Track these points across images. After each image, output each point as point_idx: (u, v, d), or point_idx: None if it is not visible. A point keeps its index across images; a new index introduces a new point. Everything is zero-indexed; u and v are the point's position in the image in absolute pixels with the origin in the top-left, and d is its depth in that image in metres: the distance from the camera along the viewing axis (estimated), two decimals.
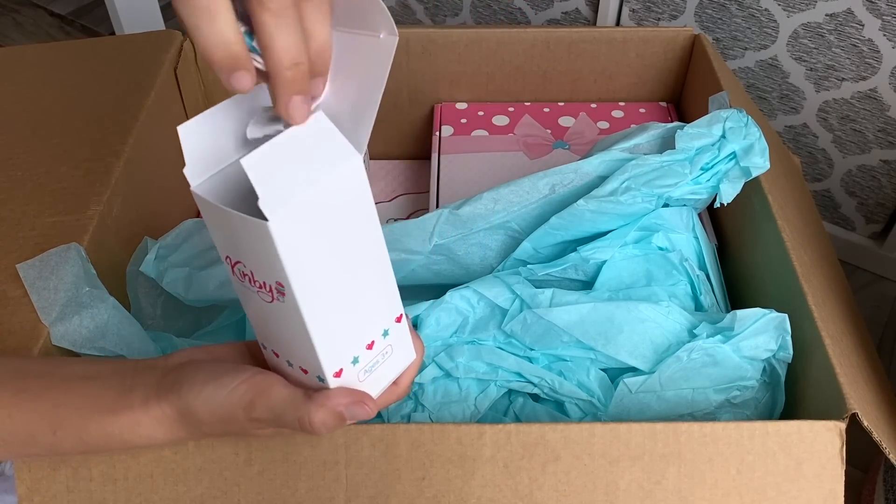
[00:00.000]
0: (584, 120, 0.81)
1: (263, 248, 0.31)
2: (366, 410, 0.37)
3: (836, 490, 0.43)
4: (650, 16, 1.11)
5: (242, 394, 0.37)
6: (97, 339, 0.49)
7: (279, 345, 0.38)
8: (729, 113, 0.57)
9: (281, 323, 0.35)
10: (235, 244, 0.34)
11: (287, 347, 0.37)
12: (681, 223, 0.58)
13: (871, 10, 0.93)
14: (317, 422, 0.36)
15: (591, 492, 0.43)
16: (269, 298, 0.34)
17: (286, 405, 0.37)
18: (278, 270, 0.32)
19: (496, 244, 0.59)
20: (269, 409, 0.37)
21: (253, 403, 0.36)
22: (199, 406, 0.37)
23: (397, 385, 0.41)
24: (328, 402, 0.37)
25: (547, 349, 0.52)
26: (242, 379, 0.37)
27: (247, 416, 0.37)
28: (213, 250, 0.60)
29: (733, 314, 0.51)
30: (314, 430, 0.36)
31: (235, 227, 0.32)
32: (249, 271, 0.34)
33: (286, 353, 0.38)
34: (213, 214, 0.33)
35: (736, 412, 0.52)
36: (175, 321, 0.60)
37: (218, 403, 0.37)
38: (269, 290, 0.34)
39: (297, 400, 0.37)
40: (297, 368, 0.38)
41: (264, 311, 0.35)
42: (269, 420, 0.37)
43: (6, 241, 0.52)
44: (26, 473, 0.43)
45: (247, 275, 0.34)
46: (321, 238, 0.33)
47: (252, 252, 0.33)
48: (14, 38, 1.58)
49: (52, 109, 0.64)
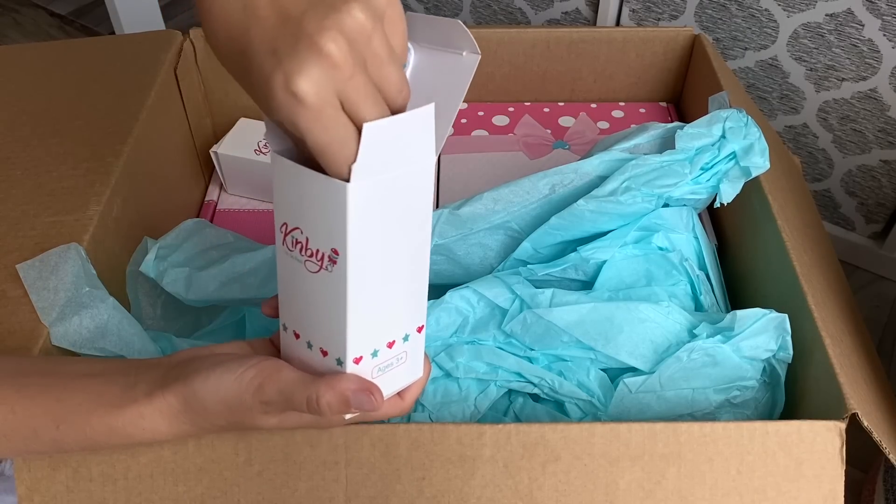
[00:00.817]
0: (584, 120, 0.81)
1: (333, 210, 0.33)
2: (371, 401, 0.37)
3: (836, 490, 0.43)
4: (650, 16, 1.11)
5: (251, 377, 0.37)
6: (97, 339, 0.49)
7: (305, 322, 0.38)
8: (729, 113, 0.57)
9: (318, 296, 0.36)
10: (299, 208, 0.35)
11: (313, 325, 0.38)
12: (681, 223, 0.58)
13: (871, 10, 0.93)
14: (323, 403, 0.37)
15: (591, 492, 0.43)
16: (317, 268, 0.35)
17: (296, 385, 0.37)
18: (338, 235, 0.34)
19: (496, 244, 0.59)
20: (278, 391, 0.37)
21: (262, 386, 0.37)
22: (207, 392, 0.37)
23: (402, 398, 0.41)
24: (338, 385, 0.37)
25: (547, 349, 0.52)
26: (250, 364, 0.38)
27: (255, 400, 0.37)
28: (213, 250, 0.60)
29: (733, 314, 0.51)
30: (321, 410, 0.37)
31: (307, 189, 0.34)
32: (305, 238, 0.35)
33: (310, 333, 0.38)
34: (288, 176, 0.34)
35: (736, 412, 0.52)
36: (175, 321, 0.60)
37: (226, 388, 0.37)
38: (321, 259, 0.35)
39: (306, 380, 0.37)
40: (316, 350, 0.38)
41: (305, 283, 0.36)
42: (278, 402, 0.37)
43: (6, 241, 0.52)
44: (26, 473, 0.43)
45: (300, 242, 0.36)
46: (384, 220, 0.34)
47: (316, 216, 0.34)
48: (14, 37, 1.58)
49: (52, 109, 0.64)
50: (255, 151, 0.73)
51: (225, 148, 0.73)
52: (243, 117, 0.77)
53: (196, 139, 0.77)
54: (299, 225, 0.35)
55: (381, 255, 0.35)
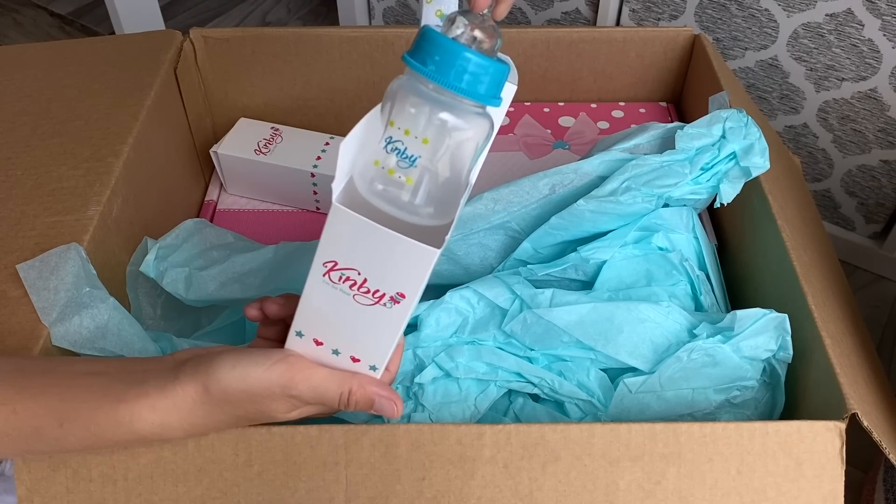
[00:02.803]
0: (584, 120, 0.81)
1: (409, 266, 0.36)
2: (393, 410, 0.42)
3: (836, 490, 0.43)
4: (650, 16, 1.11)
5: (282, 371, 0.39)
6: (97, 339, 0.49)
7: (336, 335, 0.40)
8: (729, 113, 0.57)
9: (365, 321, 0.39)
10: (363, 255, 0.37)
11: (348, 339, 0.40)
12: (681, 223, 0.58)
13: (871, 10, 0.93)
14: (353, 400, 0.40)
15: (591, 492, 0.43)
16: (372, 302, 0.38)
17: (330, 382, 0.40)
18: (411, 284, 0.37)
19: (496, 244, 0.59)
20: (311, 387, 0.39)
21: (293, 381, 0.39)
22: (232, 380, 0.38)
23: (388, 371, 0.44)
24: (368, 387, 0.41)
25: (547, 349, 0.52)
26: (278, 358, 0.39)
27: (284, 393, 0.39)
28: (213, 250, 0.60)
29: (733, 314, 0.51)
30: (348, 405, 0.41)
31: (381, 245, 0.36)
32: (362, 278, 0.37)
33: (340, 343, 0.40)
34: (354, 229, 0.36)
35: (736, 412, 0.52)
36: (175, 321, 0.60)
37: (254, 378, 0.38)
38: (379, 297, 0.38)
39: (338, 377, 0.40)
40: (345, 357, 0.41)
41: (349, 310, 0.39)
42: (309, 397, 0.40)
43: (6, 241, 0.52)
44: (26, 474, 0.43)
45: (352, 280, 0.38)
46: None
47: (385, 265, 0.37)
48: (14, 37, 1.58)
49: (52, 109, 0.64)
50: (255, 151, 0.73)
51: (225, 148, 0.73)
52: (243, 117, 0.77)
53: (196, 139, 0.77)
54: (356, 267, 0.37)
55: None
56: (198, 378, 0.38)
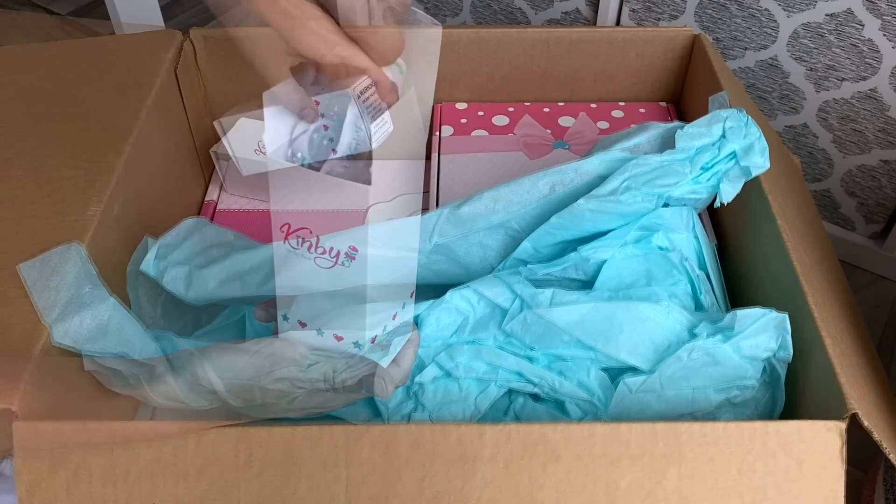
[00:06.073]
0: (584, 120, 0.81)
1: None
2: (383, 389, 0.44)
3: (837, 490, 0.43)
4: (650, 16, 1.11)
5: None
6: (98, 338, 0.49)
7: (310, 312, 0.42)
8: (729, 113, 0.57)
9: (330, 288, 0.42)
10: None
11: (323, 315, 0.42)
12: (681, 223, 0.58)
13: (871, 10, 0.93)
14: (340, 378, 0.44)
15: (591, 492, 0.43)
16: (331, 264, 0.41)
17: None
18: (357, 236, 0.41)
19: (496, 244, 0.59)
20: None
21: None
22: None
23: (398, 365, 0.46)
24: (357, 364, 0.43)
25: (547, 349, 0.52)
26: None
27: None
28: (213, 248, 0.60)
29: (733, 314, 0.51)
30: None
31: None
32: (315, 239, 0.41)
33: (318, 321, 0.42)
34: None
35: (736, 412, 0.52)
36: (175, 320, 0.60)
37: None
38: (336, 256, 0.41)
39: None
40: (328, 336, 0.43)
41: (312, 276, 0.41)
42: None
43: (6, 241, 0.52)
44: (26, 474, 0.43)
45: (308, 242, 0.41)
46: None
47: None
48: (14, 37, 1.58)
49: (52, 109, 0.64)
50: (255, 151, 0.73)
51: (225, 148, 0.73)
52: (243, 117, 0.77)
53: (196, 139, 0.77)
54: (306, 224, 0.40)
55: None
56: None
